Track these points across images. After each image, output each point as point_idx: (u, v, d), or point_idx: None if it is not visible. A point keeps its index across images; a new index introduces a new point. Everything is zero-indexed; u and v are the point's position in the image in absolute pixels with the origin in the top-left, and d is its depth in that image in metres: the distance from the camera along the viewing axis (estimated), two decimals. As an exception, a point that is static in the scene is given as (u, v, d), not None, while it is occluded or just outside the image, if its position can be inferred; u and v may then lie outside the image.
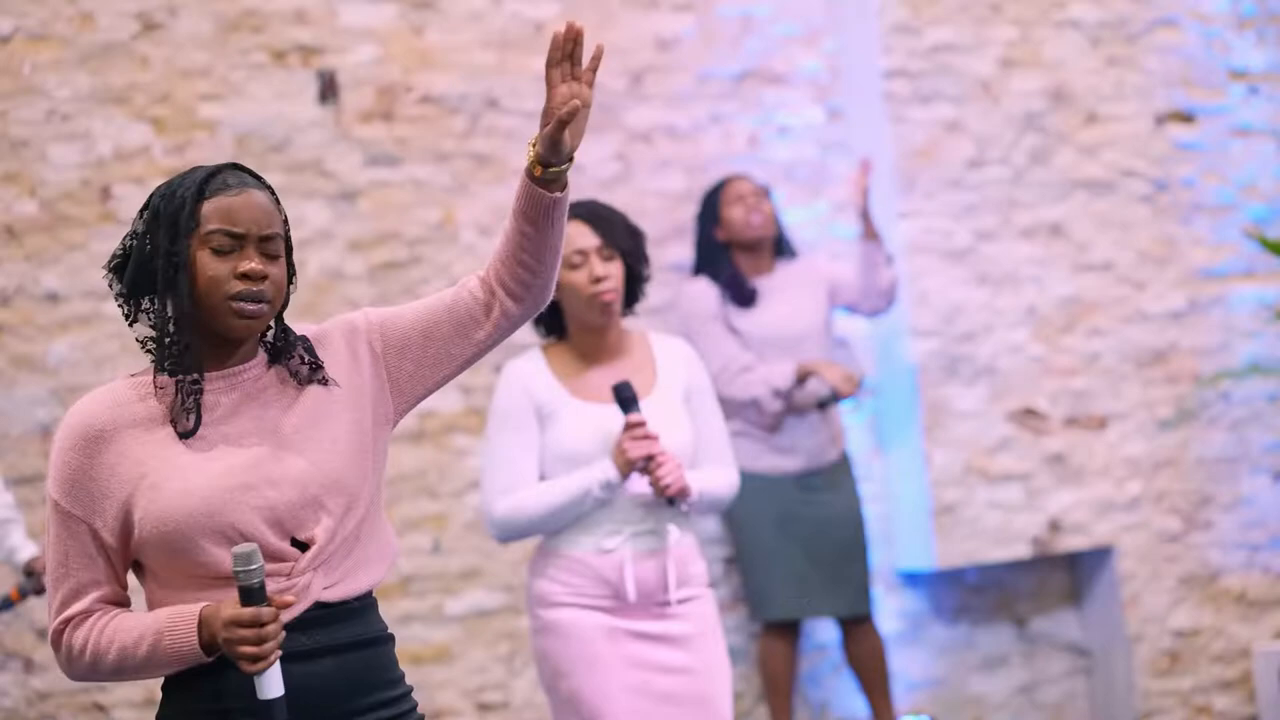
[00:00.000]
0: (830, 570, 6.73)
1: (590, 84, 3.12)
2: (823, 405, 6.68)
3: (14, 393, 6.33)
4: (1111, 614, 7.62)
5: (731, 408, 6.63)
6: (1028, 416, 7.49)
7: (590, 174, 7.04)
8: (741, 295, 6.75)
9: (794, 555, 6.69)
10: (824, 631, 7.21)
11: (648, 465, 4.50)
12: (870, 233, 6.78)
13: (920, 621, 7.50)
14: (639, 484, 4.55)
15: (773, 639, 6.76)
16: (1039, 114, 7.61)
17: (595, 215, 4.68)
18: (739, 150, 7.30)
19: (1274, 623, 7.75)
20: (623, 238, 4.68)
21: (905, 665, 7.36)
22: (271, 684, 2.96)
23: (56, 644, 3.10)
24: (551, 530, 4.59)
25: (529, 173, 3.15)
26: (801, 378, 6.63)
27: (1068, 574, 7.76)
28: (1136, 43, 7.77)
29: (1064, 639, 7.67)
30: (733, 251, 6.81)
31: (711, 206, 6.83)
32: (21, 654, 6.24)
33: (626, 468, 4.50)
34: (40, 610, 6.02)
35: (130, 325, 3.12)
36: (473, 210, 6.92)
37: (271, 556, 3.03)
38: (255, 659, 2.94)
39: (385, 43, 6.87)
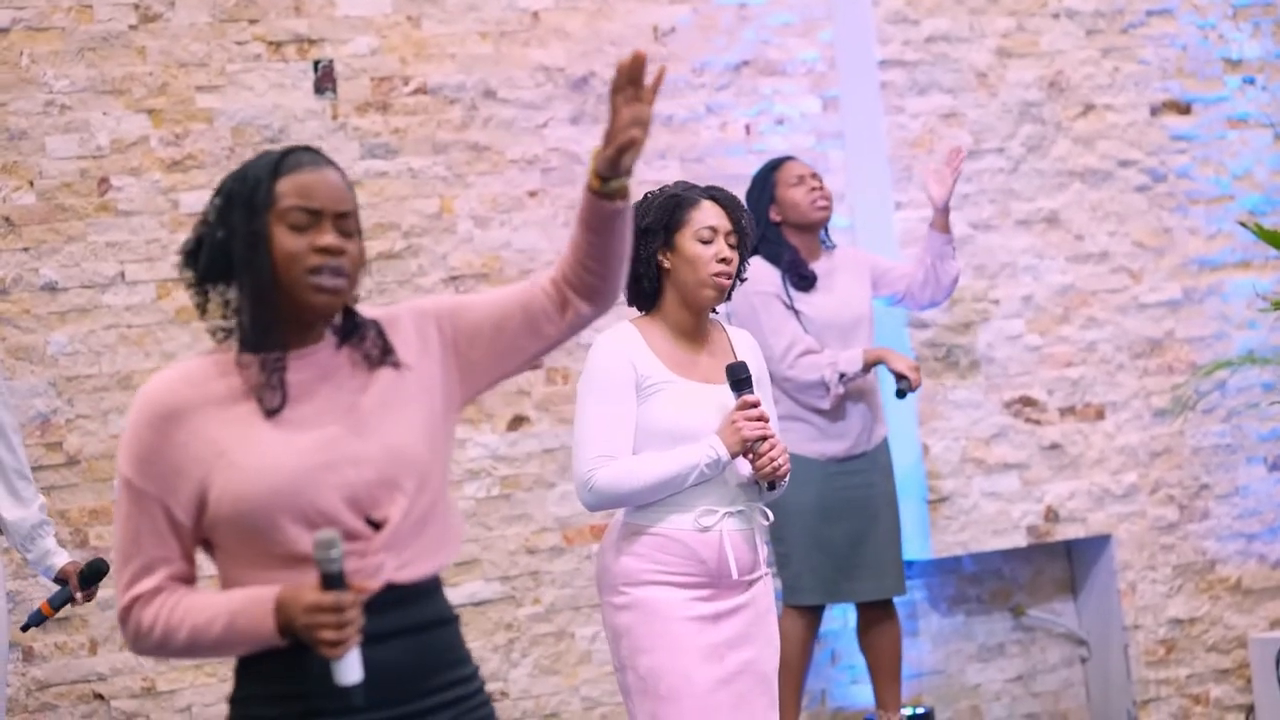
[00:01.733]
0: (869, 553, 6.72)
1: (651, 103, 3.14)
2: (901, 394, 6.67)
3: (13, 383, 6.33)
4: (1108, 603, 7.63)
5: (788, 389, 6.61)
6: (1024, 406, 7.51)
7: (588, 164, 7.03)
8: (802, 278, 6.69)
9: (834, 539, 6.68)
10: (823, 621, 7.20)
11: (757, 446, 4.55)
12: (943, 224, 6.77)
13: (918, 611, 7.52)
14: (737, 463, 4.60)
15: (795, 621, 6.74)
16: (1035, 104, 7.63)
17: (732, 203, 4.79)
18: (735, 140, 7.30)
19: (1270, 611, 7.77)
20: (745, 233, 4.79)
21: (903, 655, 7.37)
22: (350, 669, 2.97)
23: (124, 620, 3.08)
24: (647, 503, 4.61)
25: (589, 185, 3.17)
26: (869, 365, 6.63)
27: (1064, 563, 7.77)
28: (1132, 33, 7.79)
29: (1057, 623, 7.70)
30: (786, 232, 6.77)
31: (767, 187, 6.76)
32: (21, 643, 6.25)
33: (739, 447, 4.56)
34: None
35: (202, 316, 3.12)
36: (469, 201, 6.93)
37: (346, 535, 3.03)
38: (335, 644, 2.95)
39: (382, 33, 6.88)
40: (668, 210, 4.76)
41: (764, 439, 4.57)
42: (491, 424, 6.89)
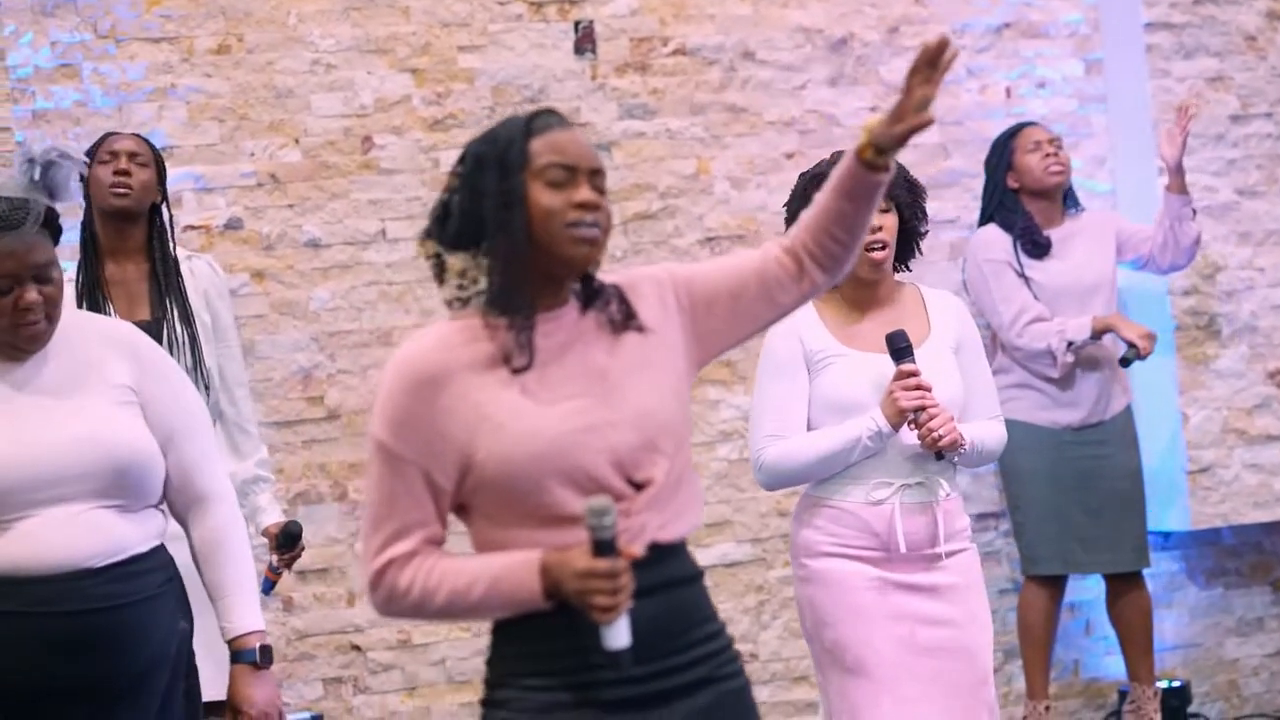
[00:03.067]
0: (1107, 525, 6.64)
1: (938, 84, 3.13)
2: (1125, 362, 6.58)
3: (276, 338, 6.45)
4: (1373, 580, 7.48)
5: (1018, 357, 6.56)
6: (1289, 377, 7.34)
7: (846, 126, 7.00)
8: (1035, 245, 6.63)
9: (1069, 509, 6.62)
10: (1077, 590, 7.12)
11: (918, 416, 4.47)
12: (1179, 185, 6.66)
13: (1174, 583, 7.40)
14: (910, 435, 4.52)
15: (1035, 592, 6.69)
16: (1307, 68, 7.45)
17: None
18: (996, 103, 7.22)
19: None
20: (900, 190, 4.67)
21: (1158, 627, 7.23)
22: (619, 634, 2.98)
23: (376, 583, 3.10)
24: (819, 478, 4.58)
25: (858, 155, 3.15)
26: (1098, 332, 6.55)
27: (1328, 538, 7.61)
28: None
29: None
30: (1023, 200, 6.71)
31: (1005, 153, 6.71)
32: (281, 593, 6.36)
33: (897, 418, 4.48)
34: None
35: (440, 285, 3.13)
36: (726, 162, 6.92)
37: (611, 496, 3.04)
38: (608, 609, 2.96)
39: (642, -6, 6.90)
40: (817, 186, 4.69)
41: (923, 409, 4.49)
42: (744, 385, 6.88)
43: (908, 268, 4.79)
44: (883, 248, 4.62)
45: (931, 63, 3.11)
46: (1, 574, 3.73)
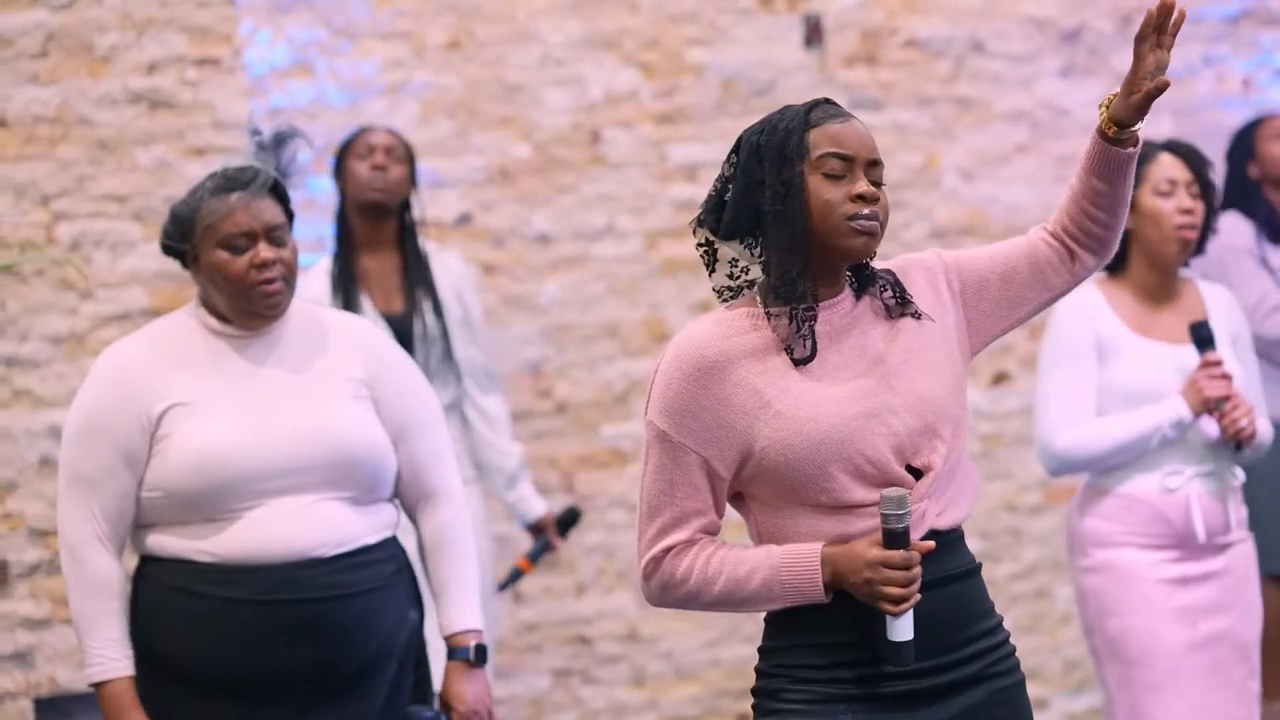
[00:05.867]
0: None
1: (1170, 48, 3.11)
2: None
3: (505, 332, 6.50)
4: None
5: (1258, 347, 6.44)
6: None
7: (1077, 118, 6.92)
8: (1277, 232, 6.54)
9: None
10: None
11: (1222, 406, 4.49)
12: None
13: None
14: (1204, 424, 4.54)
15: (1272, 590, 6.56)
16: None
17: (1190, 152, 4.70)
18: (1233, 93, 7.09)
19: None
20: (1208, 182, 4.69)
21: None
22: (905, 627, 3.01)
23: (651, 571, 3.14)
24: (1112, 466, 4.59)
25: (1101, 132, 3.15)
26: None
27: None
28: None
29: None
30: (1264, 189, 6.59)
31: (1247, 142, 6.58)
32: (513, 587, 6.41)
33: (1201, 406, 4.51)
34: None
35: (710, 274, 3.17)
36: (955, 154, 6.87)
37: (892, 483, 3.07)
38: (899, 600, 2.99)
39: (871, -14, 6.87)
40: None
41: (1227, 398, 4.48)
42: (973, 380, 6.83)
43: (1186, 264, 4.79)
44: (1193, 230, 4.63)
45: (1159, 28, 3.09)
46: (232, 562, 3.78)
